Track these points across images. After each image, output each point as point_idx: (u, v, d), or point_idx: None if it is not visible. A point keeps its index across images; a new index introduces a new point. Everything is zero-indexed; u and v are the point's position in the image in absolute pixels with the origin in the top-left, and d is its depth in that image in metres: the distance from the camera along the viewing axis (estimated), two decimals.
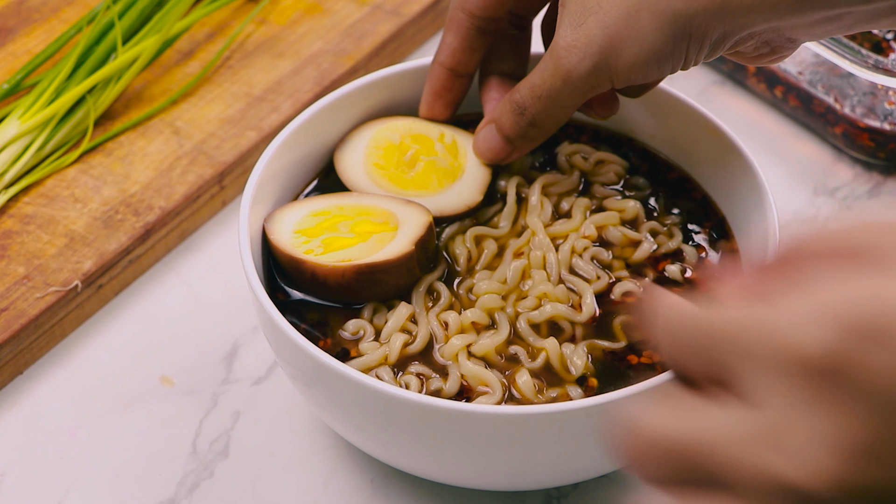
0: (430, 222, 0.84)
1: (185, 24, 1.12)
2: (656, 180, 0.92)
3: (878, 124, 1.07)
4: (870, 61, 1.04)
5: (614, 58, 0.73)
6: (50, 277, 0.96)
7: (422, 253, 0.83)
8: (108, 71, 1.07)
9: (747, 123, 1.14)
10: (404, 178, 0.89)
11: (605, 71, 0.74)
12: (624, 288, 0.84)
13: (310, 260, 0.82)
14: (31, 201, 1.02)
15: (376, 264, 0.81)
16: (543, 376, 0.80)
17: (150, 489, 0.87)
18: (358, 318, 0.82)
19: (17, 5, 1.20)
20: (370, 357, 0.80)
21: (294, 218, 0.86)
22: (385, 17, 1.18)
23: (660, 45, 0.72)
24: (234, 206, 1.07)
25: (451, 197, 0.89)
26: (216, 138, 1.07)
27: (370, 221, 0.84)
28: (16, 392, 0.94)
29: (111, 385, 0.94)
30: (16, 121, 1.04)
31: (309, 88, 1.11)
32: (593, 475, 0.83)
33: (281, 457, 0.89)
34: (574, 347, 0.80)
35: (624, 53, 0.73)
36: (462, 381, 0.79)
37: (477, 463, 0.77)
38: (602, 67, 0.74)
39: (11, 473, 0.89)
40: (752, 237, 0.85)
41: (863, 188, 1.09)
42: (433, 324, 0.82)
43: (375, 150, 0.90)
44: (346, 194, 0.88)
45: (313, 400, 0.81)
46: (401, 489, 0.87)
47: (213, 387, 0.94)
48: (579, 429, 0.74)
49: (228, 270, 1.02)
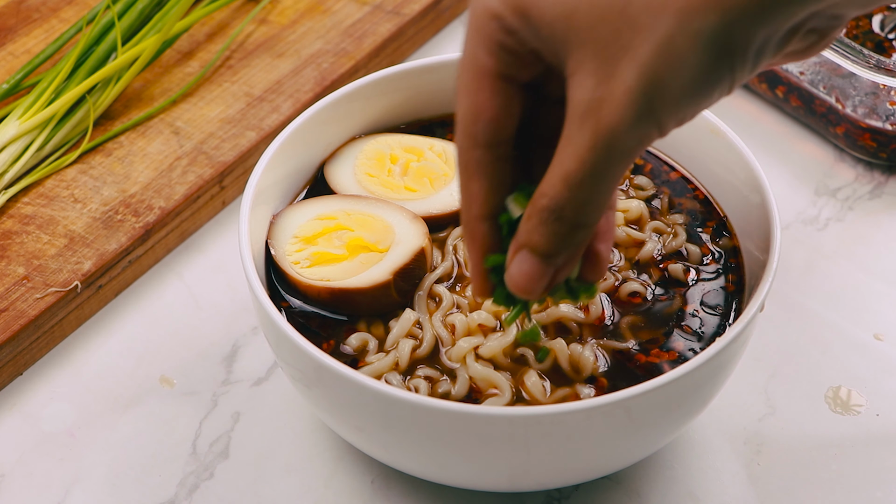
0: (422, 249, 0.84)
1: (185, 24, 1.12)
2: (659, 180, 0.92)
3: (879, 124, 1.07)
4: (872, 61, 1.03)
5: (658, 100, 0.62)
6: (50, 278, 0.96)
7: (403, 281, 0.83)
8: (107, 71, 1.07)
9: (749, 124, 1.14)
10: (396, 184, 0.90)
11: (651, 119, 0.63)
12: (630, 288, 0.84)
13: (292, 274, 0.84)
14: (31, 201, 1.02)
15: (350, 290, 0.83)
16: (552, 377, 0.80)
17: (149, 490, 0.87)
18: (359, 332, 0.82)
19: (16, 5, 1.20)
20: (381, 364, 0.80)
21: (299, 220, 0.87)
22: (385, 17, 1.18)
23: (704, 69, 0.62)
24: (234, 206, 1.07)
25: (445, 198, 0.89)
26: (216, 138, 1.07)
27: (363, 239, 0.85)
28: (16, 392, 0.94)
29: (111, 386, 0.94)
30: (15, 121, 1.04)
31: (309, 88, 1.11)
32: (595, 476, 0.83)
33: (281, 458, 0.89)
34: (582, 348, 0.80)
35: (668, 92, 0.62)
36: (471, 384, 0.79)
37: (478, 464, 0.77)
38: (647, 116, 0.62)
39: (11, 473, 0.89)
40: (753, 237, 0.85)
41: (864, 188, 1.09)
42: (439, 327, 0.82)
43: (366, 161, 0.91)
44: (357, 199, 0.89)
45: (313, 401, 0.81)
46: (401, 490, 0.87)
47: (213, 387, 0.93)
48: (583, 429, 0.74)
49: (228, 271, 1.02)
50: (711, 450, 0.89)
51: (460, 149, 0.69)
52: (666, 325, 0.82)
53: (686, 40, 0.61)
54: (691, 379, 0.74)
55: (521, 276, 0.69)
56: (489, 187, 0.69)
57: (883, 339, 0.97)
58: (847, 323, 0.98)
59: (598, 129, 0.63)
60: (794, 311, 0.99)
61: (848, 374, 0.94)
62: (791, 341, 0.96)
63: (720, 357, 0.75)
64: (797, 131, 1.14)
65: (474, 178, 0.69)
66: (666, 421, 0.78)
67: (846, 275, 1.02)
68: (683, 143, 0.92)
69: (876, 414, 0.92)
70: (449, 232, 0.88)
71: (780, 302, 0.99)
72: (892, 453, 0.89)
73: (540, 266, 0.68)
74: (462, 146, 0.69)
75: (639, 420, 0.75)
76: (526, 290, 0.69)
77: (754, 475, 0.88)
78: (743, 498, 0.87)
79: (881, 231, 1.05)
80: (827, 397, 0.93)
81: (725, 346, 0.75)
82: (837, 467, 0.88)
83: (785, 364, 0.95)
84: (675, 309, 0.83)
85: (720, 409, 0.91)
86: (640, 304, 0.83)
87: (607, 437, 0.75)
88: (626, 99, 0.62)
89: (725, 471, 0.88)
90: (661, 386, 0.73)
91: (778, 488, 0.87)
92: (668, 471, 0.88)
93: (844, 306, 0.99)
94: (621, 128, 0.62)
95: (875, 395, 0.93)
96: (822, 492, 0.87)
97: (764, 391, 0.93)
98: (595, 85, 0.62)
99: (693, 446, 0.89)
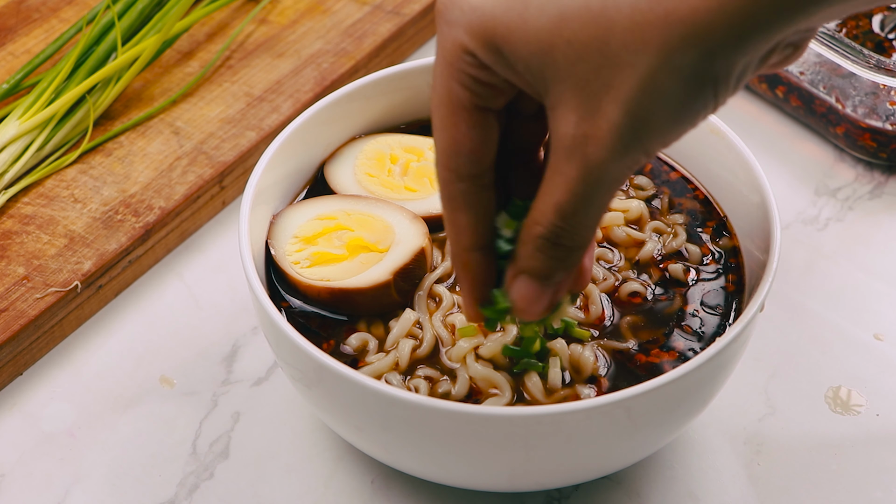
0: (422, 249, 0.84)
1: (185, 24, 1.12)
2: (659, 180, 0.92)
3: (879, 124, 1.07)
4: (872, 61, 1.03)
5: (644, 132, 0.63)
6: (50, 278, 0.96)
7: (403, 281, 0.83)
8: (107, 71, 1.07)
9: (749, 123, 1.14)
10: (397, 184, 0.90)
11: (638, 149, 0.64)
12: (630, 288, 0.84)
13: (292, 274, 0.84)
14: (31, 201, 1.02)
15: (350, 290, 0.83)
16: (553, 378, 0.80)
17: (149, 490, 0.87)
18: (359, 332, 0.82)
19: (16, 5, 1.20)
20: (381, 364, 0.80)
21: (299, 220, 0.87)
22: (385, 17, 1.18)
23: (688, 100, 0.63)
24: (234, 206, 1.07)
25: None
26: (216, 138, 1.07)
27: (364, 239, 0.85)
28: (16, 392, 0.94)
29: (111, 385, 0.94)
30: (15, 121, 1.04)
31: (309, 88, 1.11)
32: (595, 476, 0.83)
33: (281, 458, 0.89)
34: (583, 348, 0.80)
35: (653, 124, 0.63)
36: (471, 384, 0.79)
37: (478, 464, 0.77)
38: (634, 146, 0.64)
39: (11, 473, 0.89)
40: (753, 237, 0.85)
41: (864, 188, 1.09)
42: (439, 327, 0.82)
43: (366, 161, 0.91)
44: (357, 199, 0.89)
45: (313, 401, 0.81)
46: (401, 490, 0.87)
47: (213, 388, 0.93)
48: (583, 429, 0.74)
49: (228, 271, 1.02)
50: (711, 450, 0.89)
51: (443, 182, 0.69)
52: (666, 325, 0.82)
53: (668, 76, 0.61)
54: (691, 379, 0.74)
55: (523, 300, 0.70)
56: (476, 218, 0.70)
57: (883, 339, 0.97)
58: (847, 323, 0.98)
59: (587, 164, 0.64)
60: (794, 311, 0.99)
61: (848, 374, 0.94)
62: (791, 341, 0.96)
63: (720, 357, 0.75)
64: (797, 131, 1.14)
65: (461, 211, 0.70)
66: (666, 421, 0.78)
67: (846, 275, 1.02)
68: (683, 143, 0.91)
69: (876, 414, 0.92)
70: None
71: (780, 302, 0.99)
72: (892, 453, 0.89)
73: (539, 287, 0.70)
74: (444, 180, 0.69)
75: (639, 420, 0.75)
76: (529, 311, 0.71)
77: (754, 475, 0.88)
78: (743, 498, 0.87)
79: (881, 231, 1.05)
80: (827, 397, 0.93)
81: (725, 346, 0.75)
82: (837, 467, 0.88)
83: (785, 364, 0.95)
84: (675, 309, 0.83)
85: (720, 409, 0.91)
86: (640, 304, 0.83)
87: (607, 437, 0.75)
88: (611, 135, 0.63)
89: (725, 471, 0.88)
90: (661, 386, 0.73)
91: (778, 488, 0.87)
92: (668, 471, 0.88)
93: (844, 306, 0.99)
94: (609, 161, 0.63)
95: (875, 395, 0.93)
96: (822, 492, 0.87)
97: (764, 391, 0.93)
98: (578, 120, 0.63)
99: (693, 446, 0.89)
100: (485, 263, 0.72)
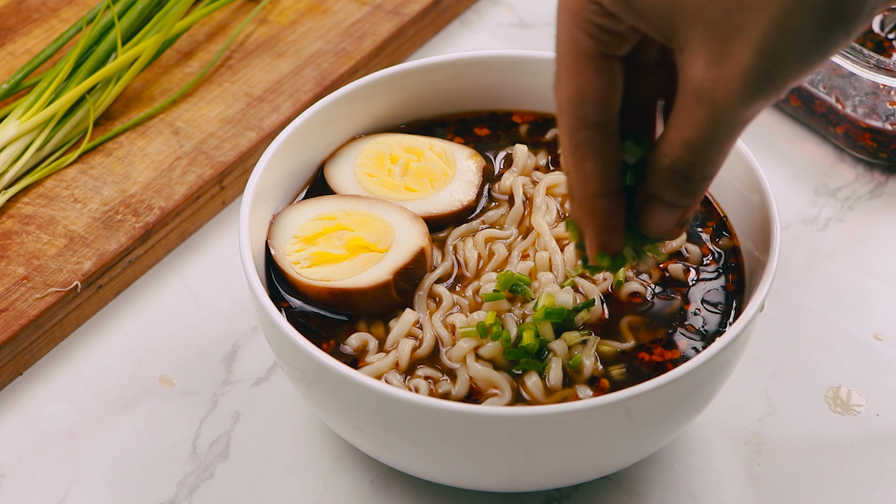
0: (422, 249, 0.84)
1: (185, 24, 1.12)
2: None
3: (879, 124, 1.07)
4: (872, 61, 1.03)
5: (776, 72, 0.64)
6: (50, 278, 0.96)
7: (403, 281, 0.83)
8: (107, 71, 1.07)
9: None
10: (397, 184, 0.90)
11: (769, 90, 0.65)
12: (630, 288, 0.84)
13: (292, 274, 0.84)
14: (31, 201, 1.02)
15: (350, 290, 0.83)
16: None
17: (149, 490, 0.87)
18: (359, 332, 0.82)
19: (16, 5, 1.19)
20: (381, 364, 0.80)
21: (299, 220, 0.87)
22: (385, 17, 1.18)
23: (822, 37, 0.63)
24: (234, 206, 1.07)
25: (445, 198, 0.89)
26: (216, 138, 1.07)
27: (363, 239, 0.85)
28: (16, 392, 0.94)
29: (111, 385, 0.94)
30: (15, 121, 1.04)
31: (309, 88, 1.11)
32: (595, 476, 0.83)
33: (281, 458, 0.89)
34: (583, 348, 0.80)
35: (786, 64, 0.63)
36: (471, 384, 0.79)
37: (478, 464, 0.77)
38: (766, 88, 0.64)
39: (11, 473, 0.89)
40: (753, 237, 0.85)
41: (864, 188, 1.09)
42: (439, 327, 0.82)
43: (366, 161, 0.91)
44: (357, 199, 0.89)
45: (313, 401, 0.81)
46: (401, 490, 0.87)
47: (213, 387, 0.93)
48: (583, 429, 0.74)
49: (228, 271, 1.02)
50: (711, 450, 0.89)
51: (569, 131, 0.70)
52: (666, 325, 0.82)
53: (802, 15, 0.61)
54: (691, 379, 0.74)
55: (654, 221, 0.73)
56: (604, 164, 0.71)
57: (883, 339, 0.97)
58: (847, 323, 0.98)
59: (716, 108, 0.65)
60: (794, 311, 0.99)
61: (848, 374, 0.94)
62: (791, 341, 0.96)
63: (720, 357, 0.75)
64: (797, 131, 1.13)
65: (588, 158, 0.71)
66: (666, 421, 0.78)
67: (846, 275, 1.02)
68: None
69: (876, 414, 0.92)
70: (449, 232, 0.88)
71: (780, 302, 0.99)
72: (892, 453, 0.89)
73: (668, 211, 0.72)
74: (571, 128, 0.70)
75: (639, 420, 0.75)
76: (659, 230, 0.74)
77: (754, 475, 0.88)
78: (743, 498, 0.87)
79: (881, 231, 1.05)
80: (827, 397, 0.93)
81: (725, 346, 0.75)
82: (837, 467, 0.88)
83: (785, 364, 0.95)
84: (676, 309, 0.83)
85: (720, 409, 0.91)
86: (640, 304, 0.83)
87: (607, 437, 0.75)
88: (743, 80, 0.63)
89: (725, 471, 0.88)
90: (661, 386, 0.73)
91: (778, 488, 0.87)
92: (668, 471, 0.88)
93: (844, 306, 0.99)
94: (739, 105, 0.64)
95: (875, 395, 0.93)
96: (822, 492, 0.87)
97: (764, 391, 0.93)
98: (708, 64, 0.64)
99: (693, 446, 0.89)
100: (612, 209, 0.72)
